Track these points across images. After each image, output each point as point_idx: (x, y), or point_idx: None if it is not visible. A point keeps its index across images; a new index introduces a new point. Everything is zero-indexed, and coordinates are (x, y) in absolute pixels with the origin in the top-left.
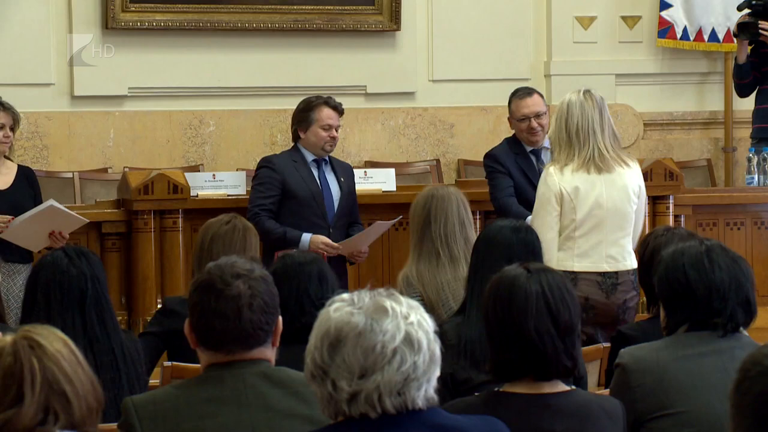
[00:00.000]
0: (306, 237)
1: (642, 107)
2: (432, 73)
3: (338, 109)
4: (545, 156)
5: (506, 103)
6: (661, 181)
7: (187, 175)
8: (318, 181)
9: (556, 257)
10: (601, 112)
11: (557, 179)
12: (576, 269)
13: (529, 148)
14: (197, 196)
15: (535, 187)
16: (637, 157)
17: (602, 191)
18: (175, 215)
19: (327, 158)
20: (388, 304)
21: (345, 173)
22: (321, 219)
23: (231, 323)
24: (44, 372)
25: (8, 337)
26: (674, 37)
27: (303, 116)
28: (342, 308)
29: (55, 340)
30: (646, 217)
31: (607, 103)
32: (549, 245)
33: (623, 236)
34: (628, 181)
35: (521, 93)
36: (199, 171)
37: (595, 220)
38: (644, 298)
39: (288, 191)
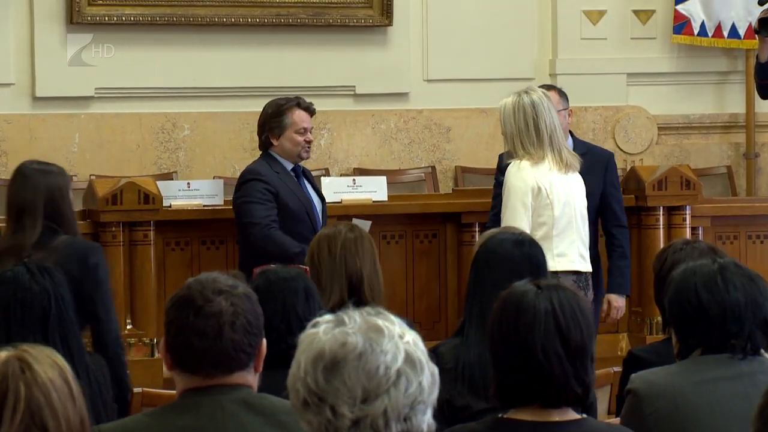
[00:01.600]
0: None
1: (656, 109)
2: (427, 72)
3: (310, 110)
4: None
5: None
6: (676, 190)
7: (159, 183)
8: (304, 192)
9: None
10: (556, 111)
11: (533, 173)
12: (557, 268)
13: None
14: (170, 206)
15: None
16: (651, 163)
17: (570, 190)
18: (146, 227)
19: (300, 165)
20: (381, 323)
21: (313, 178)
22: (312, 233)
23: (210, 342)
24: (29, 401)
25: (3, 354)
26: (691, 33)
27: (274, 122)
28: (331, 329)
29: (50, 367)
30: (661, 230)
31: (619, 105)
32: None
33: (587, 236)
34: (582, 184)
35: (540, 87)
36: (172, 179)
37: (567, 219)
38: (659, 318)
39: (281, 206)
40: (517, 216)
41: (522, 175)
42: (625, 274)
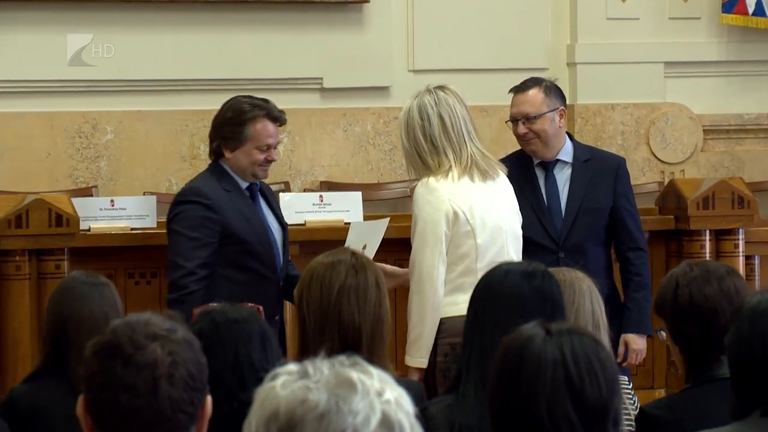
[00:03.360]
0: None
1: (701, 108)
2: (413, 62)
3: (280, 121)
4: (560, 172)
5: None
6: (727, 208)
7: (75, 201)
8: (260, 217)
9: (442, 301)
10: (467, 108)
11: (444, 195)
12: None
13: (536, 160)
14: (89, 229)
15: (536, 211)
16: (696, 174)
17: (499, 210)
18: (58, 256)
19: (257, 183)
20: (355, 376)
21: (274, 198)
22: (269, 270)
23: (143, 400)
24: None
25: None
26: (745, 12)
27: (232, 131)
28: (292, 383)
29: None
30: (708, 258)
31: (655, 102)
32: (436, 285)
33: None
34: (511, 193)
35: (517, 86)
36: (91, 195)
37: (496, 248)
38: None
39: (230, 237)
40: (426, 249)
41: (432, 202)
42: (644, 309)
